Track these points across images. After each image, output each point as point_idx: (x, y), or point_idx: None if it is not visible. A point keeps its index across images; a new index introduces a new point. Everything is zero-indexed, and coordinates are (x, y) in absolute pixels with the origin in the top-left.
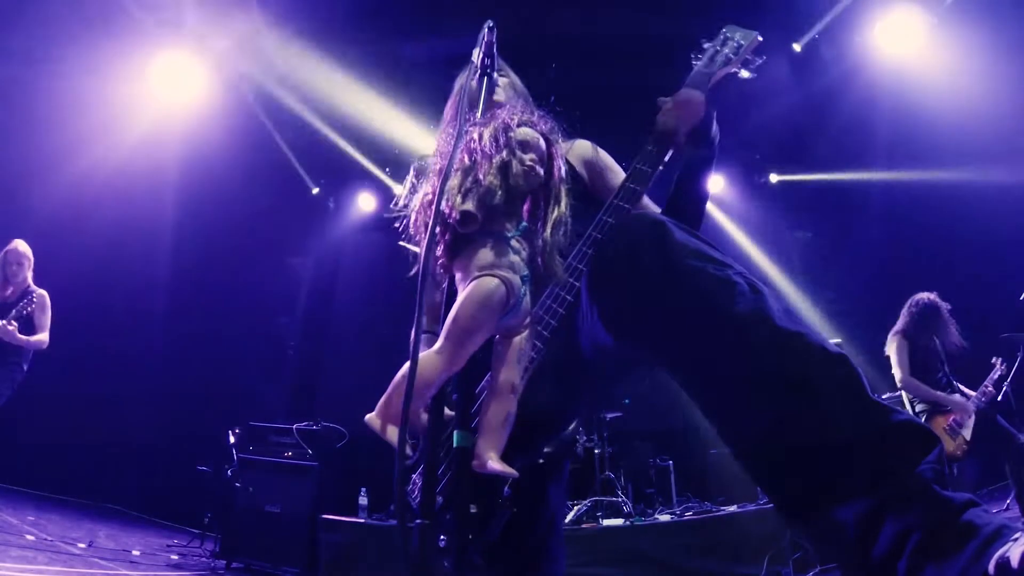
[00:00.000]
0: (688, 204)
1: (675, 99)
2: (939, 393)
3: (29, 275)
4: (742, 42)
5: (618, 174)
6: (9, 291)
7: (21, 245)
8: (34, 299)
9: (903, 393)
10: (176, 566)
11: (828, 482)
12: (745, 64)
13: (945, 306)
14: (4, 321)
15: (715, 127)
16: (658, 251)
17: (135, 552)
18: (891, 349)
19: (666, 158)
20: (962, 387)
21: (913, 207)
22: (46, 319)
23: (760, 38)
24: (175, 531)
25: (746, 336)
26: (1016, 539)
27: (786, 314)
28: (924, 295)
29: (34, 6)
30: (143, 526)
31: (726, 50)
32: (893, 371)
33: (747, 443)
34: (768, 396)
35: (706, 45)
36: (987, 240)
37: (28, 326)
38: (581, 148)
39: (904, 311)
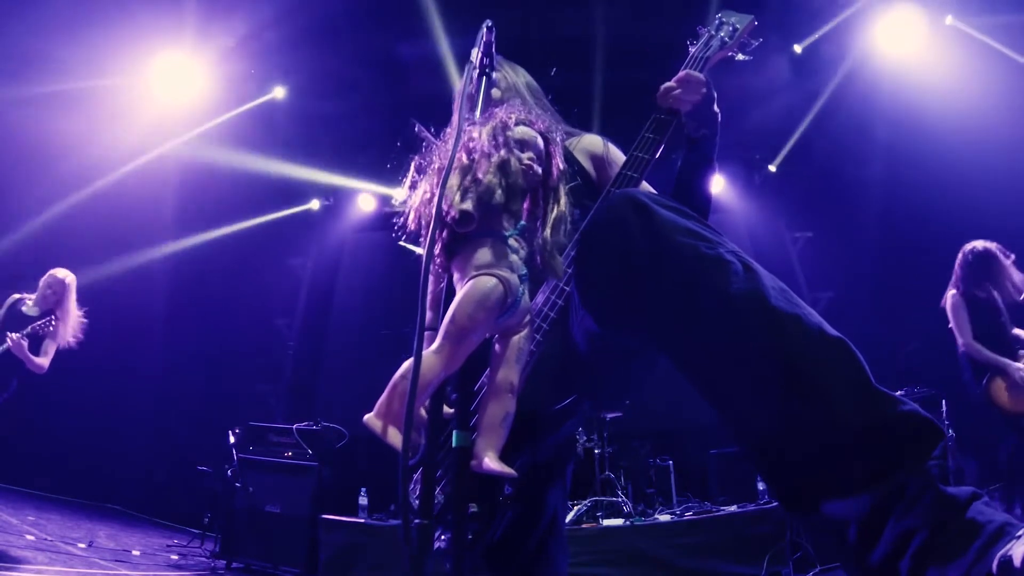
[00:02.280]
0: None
1: (676, 79)
2: (1001, 359)
3: (63, 306)
4: (737, 26)
5: None
6: (35, 306)
7: (60, 273)
8: (52, 323)
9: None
10: (176, 566)
11: (829, 475)
12: (741, 47)
13: (1001, 251)
14: (19, 334)
15: (716, 108)
16: (644, 231)
17: (135, 552)
18: (948, 309)
19: (663, 146)
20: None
21: (913, 207)
22: (53, 348)
23: (756, 22)
24: (175, 531)
25: (741, 317)
26: (1019, 537)
27: (782, 294)
28: (976, 243)
29: (34, 5)
30: (143, 526)
31: (721, 34)
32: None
33: (746, 430)
34: (765, 381)
35: (701, 31)
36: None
37: (35, 347)
38: (589, 142)
39: (956, 265)
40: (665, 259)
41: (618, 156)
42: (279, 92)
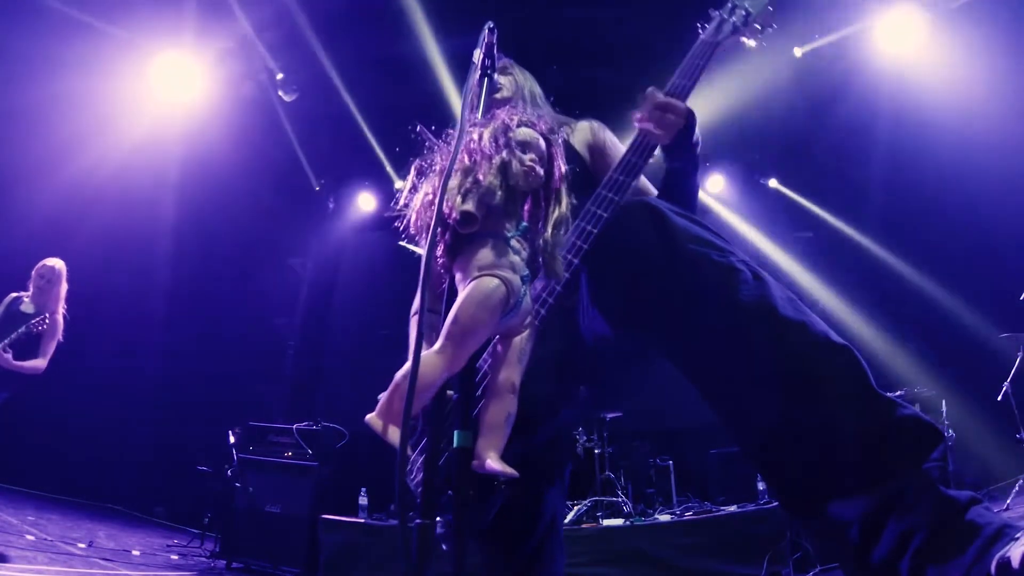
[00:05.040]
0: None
1: (657, 103)
2: None
3: (55, 295)
4: (751, 10)
5: (619, 154)
6: (31, 302)
7: (50, 261)
8: (46, 321)
9: None
10: (176, 566)
11: (831, 477)
12: (754, 33)
13: None
14: (2, 345)
15: (696, 139)
16: (658, 237)
17: (135, 552)
18: None
19: (654, 154)
20: None
21: (913, 207)
22: (52, 346)
23: (771, 7)
24: (175, 531)
25: (749, 325)
26: (1017, 539)
27: (789, 303)
28: None
29: (33, 4)
30: (143, 526)
31: (734, 18)
32: None
33: (750, 434)
34: (770, 386)
35: (713, 13)
36: (987, 240)
37: (34, 345)
38: (583, 130)
39: None
40: (678, 265)
41: (612, 142)
42: (277, 77)
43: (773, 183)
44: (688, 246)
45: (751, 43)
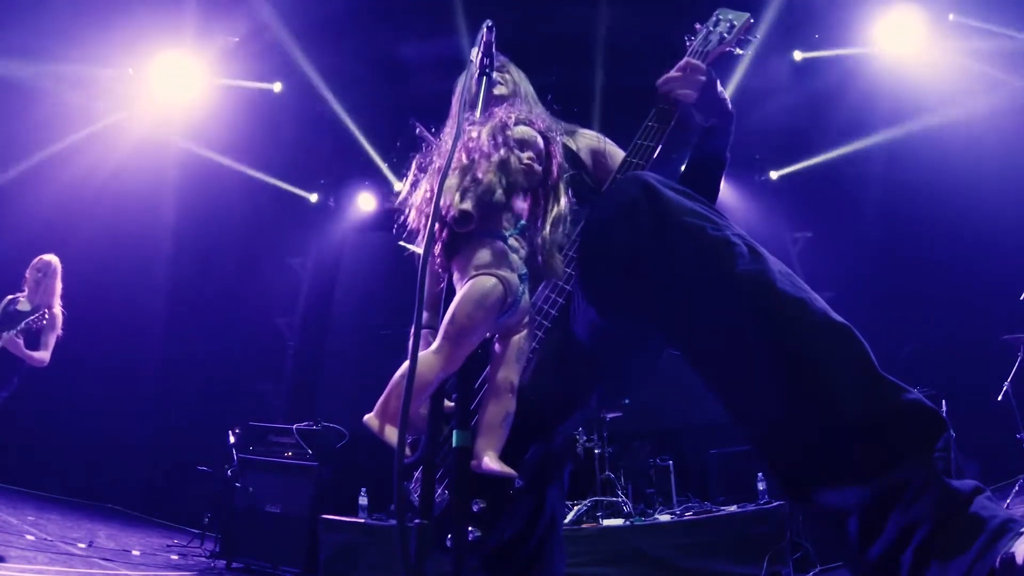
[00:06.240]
0: (704, 177)
1: (677, 67)
2: None
3: (51, 289)
4: (735, 22)
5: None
6: (27, 299)
7: (46, 257)
8: (46, 316)
9: None
10: (176, 566)
11: (830, 462)
12: (739, 43)
13: None
14: (13, 332)
15: (723, 95)
16: (651, 210)
17: (135, 552)
18: None
19: (667, 134)
20: None
21: (913, 206)
22: (52, 339)
23: (752, 19)
24: (175, 531)
25: (747, 300)
26: (1022, 533)
27: (787, 278)
28: None
29: (33, 4)
30: (143, 526)
31: (719, 30)
32: None
33: (749, 414)
34: (768, 364)
35: (699, 27)
36: (987, 240)
37: (34, 341)
38: (587, 136)
39: None
40: (671, 239)
41: (615, 151)
42: (277, 87)
43: (771, 181)
44: (682, 219)
45: (738, 52)
